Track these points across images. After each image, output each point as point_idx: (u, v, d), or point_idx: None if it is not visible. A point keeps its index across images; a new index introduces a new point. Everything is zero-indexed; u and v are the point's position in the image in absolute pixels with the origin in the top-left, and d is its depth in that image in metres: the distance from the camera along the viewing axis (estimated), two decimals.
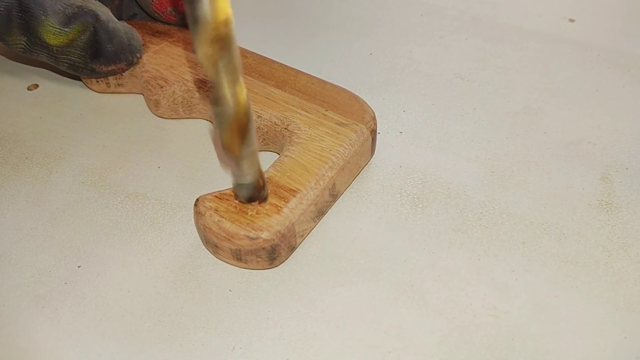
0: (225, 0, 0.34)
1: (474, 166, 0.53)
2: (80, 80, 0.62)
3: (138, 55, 0.57)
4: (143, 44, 0.59)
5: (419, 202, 0.51)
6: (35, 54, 0.53)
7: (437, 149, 0.55)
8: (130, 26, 0.57)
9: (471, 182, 0.52)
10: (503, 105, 0.59)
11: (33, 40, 0.52)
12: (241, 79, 0.38)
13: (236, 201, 0.45)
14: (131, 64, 0.57)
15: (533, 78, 0.63)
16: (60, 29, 0.52)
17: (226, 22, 0.34)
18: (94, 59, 0.55)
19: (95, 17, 0.53)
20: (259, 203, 0.45)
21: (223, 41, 0.35)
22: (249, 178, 0.43)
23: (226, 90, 0.37)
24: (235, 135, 0.39)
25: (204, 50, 0.35)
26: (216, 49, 0.35)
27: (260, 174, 0.43)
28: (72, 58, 0.54)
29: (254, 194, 0.44)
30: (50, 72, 0.64)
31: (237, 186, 0.44)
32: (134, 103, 0.60)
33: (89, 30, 0.53)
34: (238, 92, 0.38)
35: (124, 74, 0.58)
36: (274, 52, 0.61)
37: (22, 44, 0.52)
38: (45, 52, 0.53)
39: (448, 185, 0.52)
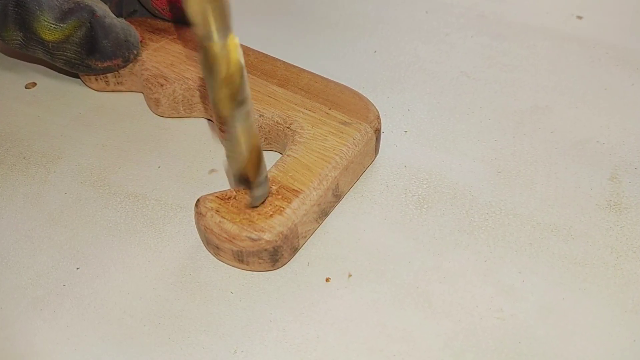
0: None
1: (480, 166, 0.53)
2: (78, 78, 0.62)
3: (135, 51, 0.57)
4: (142, 41, 0.59)
5: (424, 202, 0.51)
6: (32, 50, 0.53)
7: (443, 148, 0.55)
8: (127, 22, 0.57)
9: (477, 182, 0.52)
10: (510, 104, 0.59)
11: (29, 36, 0.52)
12: (232, 33, 0.37)
13: (238, 202, 0.45)
14: (127, 60, 0.57)
15: (540, 76, 0.63)
16: (56, 25, 0.52)
17: None
18: (90, 55, 0.55)
19: (92, 12, 0.53)
20: (260, 199, 0.45)
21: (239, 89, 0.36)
22: (241, 147, 0.42)
23: (216, 40, 0.36)
24: (225, 93, 0.38)
25: (224, 100, 0.36)
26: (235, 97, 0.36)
27: (258, 151, 0.42)
28: (68, 54, 0.54)
29: (247, 172, 0.43)
30: (48, 69, 0.64)
31: (229, 158, 0.43)
32: (133, 102, 0.60)
33: (84, 26, 0.53)
34: (230, 44, 0.37)
35: (123, 71, 0.58)
36: (276, 49, 0.61)
37: (19, 40, 0.52)
38: (41, 48, 0.53)
39: (454, 186, 0.52)
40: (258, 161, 0.43)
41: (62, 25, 0.52)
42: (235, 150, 0.41)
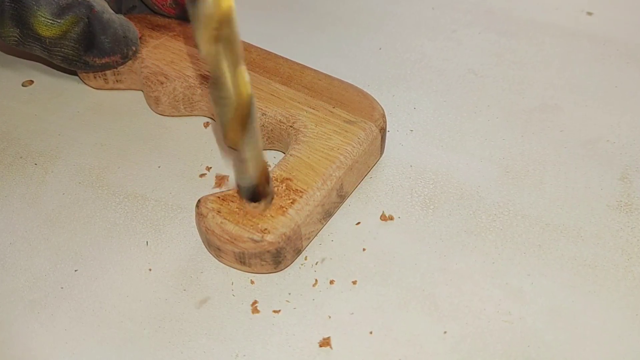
0: None
1: (488, 166, 0.53)
2: (77, 75, 0.62)
3: (134, 48, 0.57)
4: (141, 37, 0.59)
5: (430, 203, 0.51)
6: (29, 46, 0.53)
7: (449, 147, 0.55)
8: (126, 19, 0.57)
9: (485, 183, 0.52)
10: (518, 102, 0.59)
11: (26, 32, 0.52)
12: (242, 65, 0.38)
13: (240, 202, 0.45)
14: (126, 57, 0.57)
15: (549, 74, 0.63)
16: (53, 20, 0.52)
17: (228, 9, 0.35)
18: (87, 51, 0.55)
19: (90, 8, 0.54)
20: (264, 203, 0.45)
21: (225, 26, 0.35)
22: (252, 172, 0.43)
23: (227, 78, 0.37)
24: (236, 122, 0.39)
25: (204, 37, 0.35)
26: (217, 35, 0.35)
27: (265, 169, 0.43)
28: (66, 51, 0.54)
29: (259, 190, 0.44)
30: (45, 67, 0.64)
31: (240, 181, 0.44)
32: (133, 100, 0.60)
33: (82, 22, 0.53)
34: (239, 77, 0.38)
35: (122, 69, 0.58)
36: (279, 46, 0.61)
37: (15, 36, 0.52)
38: (39, 45, 0.53)
39: (460, 186, 0.52)
40: (267, 179, 0.44)
41: (59, 20, 0.52)
42: (245, 172, 0.42)
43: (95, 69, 0.57)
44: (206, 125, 0.57)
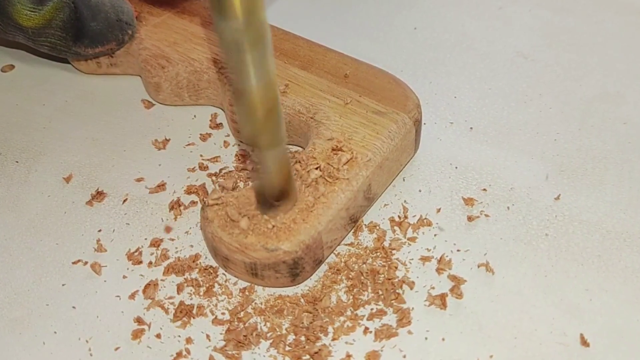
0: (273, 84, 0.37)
1: (540, 164, 0.53)
2: (65, 59, 0.62)
3: (129, 31, 0.57)
4: (139, 15, 0.59)
5: (473, 207, 0.50)
6: (12, 36, 0.54)
7: (495, 142, 0.55)
8: None
9: (536, 183, 0.52)
10: (574, 90, 0.59)
11: (6, 21, 0.52)
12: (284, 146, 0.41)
13: (252, 206, 0.45)
14: (122, 42, 0.57)
15: (610, 57, 0.62)
16: (34, 8, 0.52)
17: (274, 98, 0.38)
18: (77, 41, 0.55)
19: None
20: (283, 206, 0.45)
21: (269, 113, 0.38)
22: (274, 175, 0.43)
23: (268, 161, 0.41)
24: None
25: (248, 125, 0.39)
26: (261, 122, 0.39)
27: (289, 171, 0.43)
28: (52, 40, 0.54)
29: (280, 195, 0.44)
30: (28, 49, 0.64)
31: (260, 187, 0.44)
32: (129, 87, 0.60)
33: (67, 7, 0.53)
34: (280, 159, 0.41)
35: (117, 52, 0.58)
36: (298, 25, 0.61)
37: None
38: (22, 35, 0.53)
39: (508, 187, 0.52)
40: (291, 182, 0.45)
41: (40, 9, 0.52)
42: (267, 176, 0.43)
43: (89, 58, 0.57)
44: (214, 116, 0.57)
